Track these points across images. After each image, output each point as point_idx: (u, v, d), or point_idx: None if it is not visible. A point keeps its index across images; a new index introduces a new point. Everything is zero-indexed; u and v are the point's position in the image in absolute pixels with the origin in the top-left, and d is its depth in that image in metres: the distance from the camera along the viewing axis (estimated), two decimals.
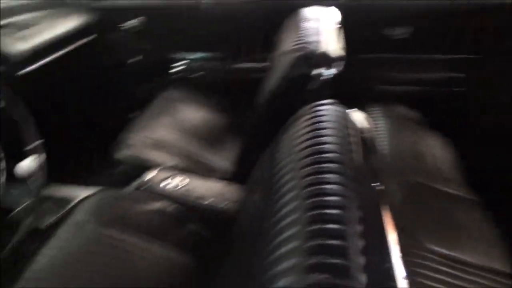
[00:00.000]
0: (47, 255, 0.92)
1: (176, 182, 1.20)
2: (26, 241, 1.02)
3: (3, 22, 1.41)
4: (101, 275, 0.89)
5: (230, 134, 1.52)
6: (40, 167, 1.03)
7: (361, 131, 0.77)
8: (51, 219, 1.21)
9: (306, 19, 1.31)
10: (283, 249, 0.55)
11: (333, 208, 0.55)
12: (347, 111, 0.82)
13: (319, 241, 0.51)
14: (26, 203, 1.06)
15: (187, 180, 1.21)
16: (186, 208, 1.13)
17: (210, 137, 1.46)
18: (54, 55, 1.47)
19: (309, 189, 0.62)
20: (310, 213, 0.57)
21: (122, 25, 1.70)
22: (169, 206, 1.11)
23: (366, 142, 0.75)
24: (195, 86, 1.75)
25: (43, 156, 1.04)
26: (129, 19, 1.69)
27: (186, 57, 1.78)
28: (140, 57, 1.79)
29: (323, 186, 0.60)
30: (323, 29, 1.22)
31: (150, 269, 0.95)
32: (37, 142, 1.04)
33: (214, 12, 1.69)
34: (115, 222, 1.02)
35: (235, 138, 1.48)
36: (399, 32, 1.58)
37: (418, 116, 1.61)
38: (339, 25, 1.29)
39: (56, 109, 1.54)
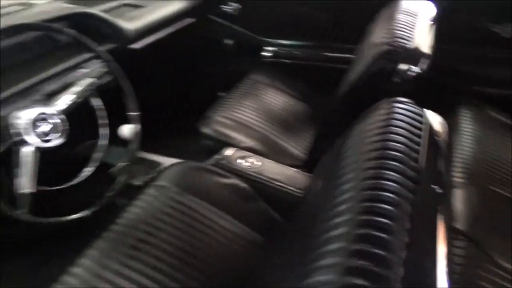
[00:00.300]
0: (133, 212, 1.05)
1: (250, 162, 1.28)
2: (118, 196, 1.17)
3: (116, 3, 1.59)
4: (175, 236, 1.00)
5: (308, 123, 1.54)
6: (136, 134, 1.17)
7: (435, 133, 0.74)
8: (140, 181, 1.37)
9: (401, 12, 1.26)
10: (331, 233, 0.57)
11: (386, 203, 0.56)
12: (423, 111, 0.80)
13: (366, 231, 0.53)
14: (122, 163, 1.21)
15: (260, 162, 1.27)
16: (256, 188, 1.19)
17: (288, 124, 1.50)
18: (159, 34, 1.62)
19: (367, 182, 0.63)
20: (363, 204, 0.58)
21: (219, 9, 1.80)
22: (241, 183, 1.19)
23: (438, 145, 0.72)
24: (282, 72, 1.79)
25: (138, 125, 1.18)
26: (226, 4, 1.78)
27: (277, 43, 1.83)
28: (233, 40, 1.88)
29: (381, 181, 0.61)
30: (416, 24, 1.17)
31: (219, 240, 1.04)
32: (136, 113, 1.18)
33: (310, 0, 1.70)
34: (192, 191, 1.12)
35: (312, 127, 1.50)
36: (502, 28, 1.43)
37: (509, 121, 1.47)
38: (433, 21, 1.22)
39: (154, 84, 1.71)
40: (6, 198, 0.86)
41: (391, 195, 0.58)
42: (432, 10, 1.29)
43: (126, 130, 1.19)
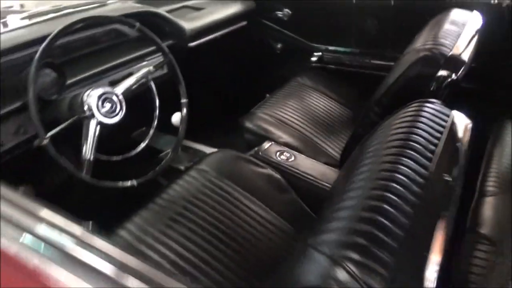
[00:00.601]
0: (175, 189, 1.17)
1: (286, 156, 1.35)
2: (162, 176, 1.30)
3: (178, 5, 1.75)
4: (209, 214, 1.10)
5: (347, 126, 1.59)
6: (184, 120, 1.30)
7: (455, 135, 0.78)
8: (183, 165, 1.50)
9: (448, 21, 1.28)
10: (339, 213, 0.64)
11: (392, 194, 0.61)
12: (451, 113, 0.83)
13: (371, 215, 0.58)
14: (170, 149, 1.34)
15: (295, 157, 1.34)
16: (289, 180, 1.27)
17: (327, 125, 1.56)
18: (214, 34, 1.75)
19: (381, 173, 0.68)
20: (373, 192, 0.64)
21: (272, 14, 1.91)
22: (276, 174, 1.27)
23: (457, 146, 0.76)
24: (327, 76, 1.86)
25: (186, 112, 1.30)
26: (278, 10, 1.88)
27: (323, 48, 1.89)
28: (282, 44, 1.97)
29: (393, 174, 0.66)
30: (461, 33, 1.19)
31: (249, 222, 1.12)
32: (185, 100, 1.30)
33: (363, 9, 1.75)
34: (229, 176, 1.22)
35: (348, 130, 1.55)
36: None
37: None
38: (477, 32, 1.23)
39: (205, 80, 1.84)
40: (73, 162, 1.01)
41: (399, 187, 0.63)
42: (478, 21, 1.30)
43: (176, 117, 1.32)
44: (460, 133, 0.79)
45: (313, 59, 1.91)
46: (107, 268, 0.47)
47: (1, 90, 1.06)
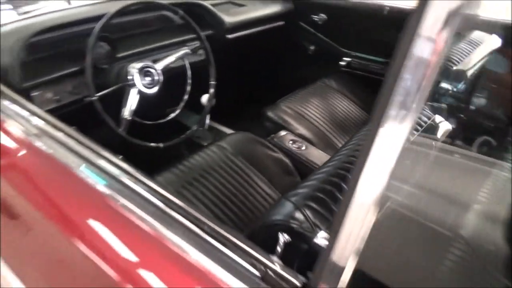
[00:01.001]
0: (195, 159, 1.34)
1: (297, 145, 1.50)
2: (186, 149, 1.48)
3: (223, 0, 1.93)
4: (220, 183, 1.26)
5: (361, 127, 1.70)
6: (210, 101, 1.47)
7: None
8: (206, 142, 1.68)
9: (464, 39, 1.37)
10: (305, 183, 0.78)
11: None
12: (435, 117, 0.95)
13: (335, 179, 0.72)
14: (197, 127, 1.52)
15: (305, 147, 1.48)
16: (296, 165, 1.41)
17: (342, 125, 1.69)
18: (251, 30, 1.91)
19: (355, 152, 0.82)
20: (344, 164, 0.78)
21: (308, 17, 2.05)
22: (285, 159, 1.42)
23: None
24: (352, 81, 1.97)
25: (213, 94, 1.48)
26: (314, 14, 2.02)
27: (352, 54, 2.01)
28: (314, 46, 2.11)
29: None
30: (473, 52, 1.28)
31: (253, 195, 1.28)
32: (214, 82, 1.48)
33: (392, 18, 1.84)
34: (244, 155, 1.38)
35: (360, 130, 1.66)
36: None
37: None
38: (488, 54, 1.31)
39: (237, 70, 2.01)
40: (114, 120, 1.21)
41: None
42: (494, 44, 1.38)
43: (205, 98, 1.50)
44: (438, 133, 0.90)
45: (342, 63, 2.03)
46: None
47: (61, 56, 1.28)
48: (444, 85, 1.14)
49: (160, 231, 0.64)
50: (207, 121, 1.60)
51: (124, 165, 0.74)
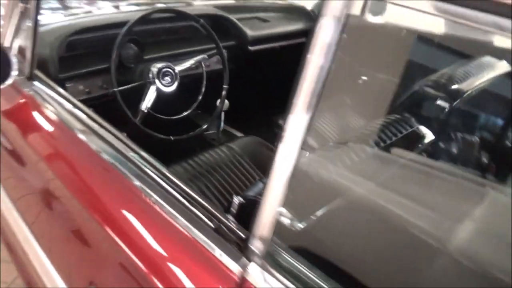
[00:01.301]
0: (204, 155, 1.45)
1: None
2: (197, 146, 1.60)
3: (249, 15, 2.06)
4: (224, 179, 1.36)
5: None
6: (222, 103, 1.59)
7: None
8: (218, 143, 1.78)
9: (472, 63, 1.42)
10: None
11: None
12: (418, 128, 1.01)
13: None
14: (207, 125, 1.63)
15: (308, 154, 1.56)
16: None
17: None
18: (272, 45, 2.03)
19: None
20: None
21: None
22: None
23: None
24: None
25: (224, 97, 1.60)
26: None
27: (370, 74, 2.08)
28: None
29: None
30: (476, 74, 1.33)
31: None
32: (227, 86, 1.59)
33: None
34: (250, 157, 1.47)
35: None
36: None
37: None
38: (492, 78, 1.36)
39: (256, 80, 2.12)
40: (132, 112, 1.35)
41: None
42: (501, 69, 1.41)
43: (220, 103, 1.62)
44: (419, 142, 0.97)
45: (359, 81, 2.10)
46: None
47: (94, 54, 1.45)
48: (440, 102, 1.19)
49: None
50: (222, 124, 1.71)
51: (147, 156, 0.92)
